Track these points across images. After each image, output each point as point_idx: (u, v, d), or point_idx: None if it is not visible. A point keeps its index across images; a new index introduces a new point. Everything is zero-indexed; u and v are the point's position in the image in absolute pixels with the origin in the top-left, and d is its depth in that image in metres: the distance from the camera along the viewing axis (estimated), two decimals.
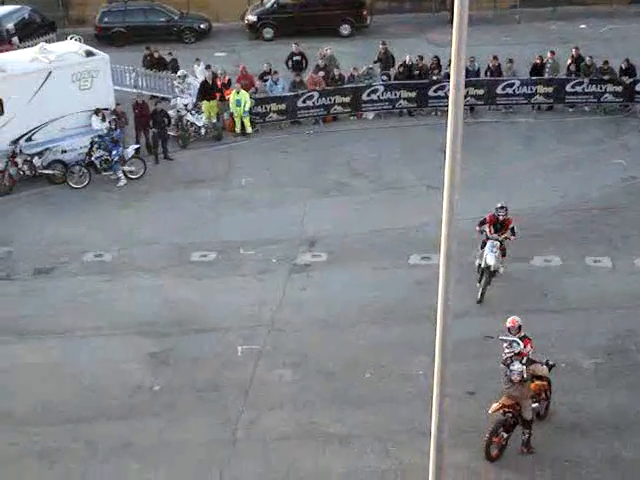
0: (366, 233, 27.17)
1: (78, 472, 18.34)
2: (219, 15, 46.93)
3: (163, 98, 35.36)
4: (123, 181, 30.89)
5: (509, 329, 18.50)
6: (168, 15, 45.10)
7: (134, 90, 36.54)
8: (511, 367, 17.88)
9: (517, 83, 35.28)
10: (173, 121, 33.60)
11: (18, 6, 44.53)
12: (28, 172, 30.70)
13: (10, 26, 42.65)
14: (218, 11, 46.87)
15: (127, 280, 25.21)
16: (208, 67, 35.76)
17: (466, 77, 12.24)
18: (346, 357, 21.52)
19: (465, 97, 11.71)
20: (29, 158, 30.60)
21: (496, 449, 18.17)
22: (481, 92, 35.12)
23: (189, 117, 33.93)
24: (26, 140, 30.84)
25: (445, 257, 12.49)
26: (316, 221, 28.01)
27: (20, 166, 30.47)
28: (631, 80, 35.03)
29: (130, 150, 31.18)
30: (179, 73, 35.63)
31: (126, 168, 30.99)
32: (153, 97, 35.57)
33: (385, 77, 36.24)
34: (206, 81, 34.77)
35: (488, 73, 35.78)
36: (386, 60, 36.97)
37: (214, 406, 20.05)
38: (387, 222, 27.70)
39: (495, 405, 18.12)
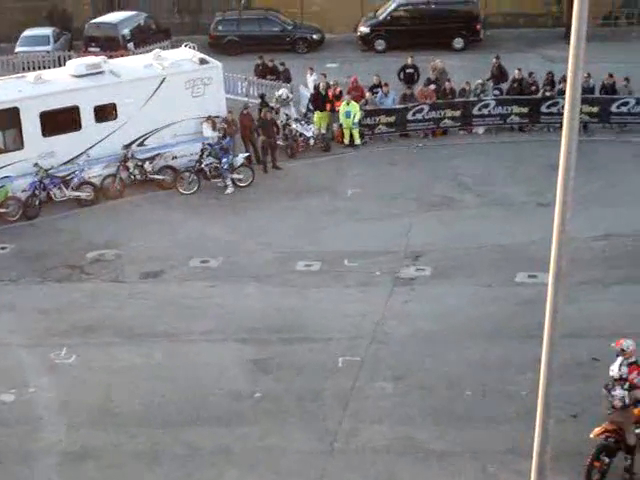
0: (472, 249, 26.93)
1: (178, 475, 18.48)
2: (332, 26, 47.19)
3: (272, 108, 35.56)
4: (231, 189, 31.16)
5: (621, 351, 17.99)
6: (282, 25, 45.49)
7: (245, 99, 36.91)
8: (612, 392, 17.53)
9: (632, 102, 34.63)
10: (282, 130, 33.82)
11: (134, 12, 45.46)
12: (139, 177, 31.21)
13: (126, 32, 43.60)
14: (331, 22, 47.15)
15: (232, 287, 25.41)
16: (324, 75, 35.85)
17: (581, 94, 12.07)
18: (448, 373, 21.32)
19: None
20: (140, 163, 31.10)
21: (597, 474, 17.75)
22: (595, 110, 34.59)
23: (298, 127, 34.09)
24: (138, 145, 31.34)
25: (555, 276, 12.35)
26: (422, 235, 27.86)
27: (131, 170, 31.00)
28: None
29: (239, 158, 31.45)
30: (280, 92, 35.57)
31: (235, 176, 31.27)
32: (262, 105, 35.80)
33: (497, 92, 35.96)
34: (319, 92, 34.88)
35: (602, 91, 35.21)
36: (499, 75, 36.68)
37: (313, 416, 20.04)
38: (494, 238, 27.42)
39: (597, 429, 17.76)
